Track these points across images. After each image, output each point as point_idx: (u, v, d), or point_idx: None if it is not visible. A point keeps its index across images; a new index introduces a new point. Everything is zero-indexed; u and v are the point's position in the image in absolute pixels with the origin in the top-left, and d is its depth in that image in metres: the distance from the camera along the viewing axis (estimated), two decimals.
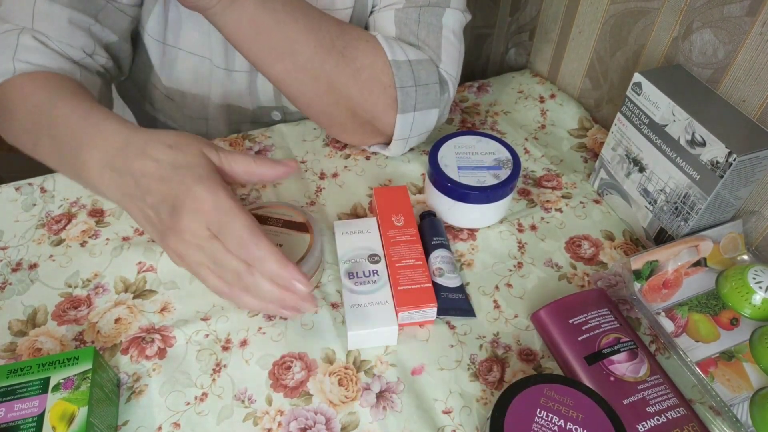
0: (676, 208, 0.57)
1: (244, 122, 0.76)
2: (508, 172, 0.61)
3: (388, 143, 0.67)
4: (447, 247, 0.59)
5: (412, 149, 0.73)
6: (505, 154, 0.63)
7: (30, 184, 0.67)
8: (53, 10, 0.57)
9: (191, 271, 0.46)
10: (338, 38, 0.58)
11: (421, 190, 0.68)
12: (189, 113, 0.74)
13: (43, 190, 0.66)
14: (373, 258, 0.56)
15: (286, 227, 0.56)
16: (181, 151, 0.45)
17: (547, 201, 0.67)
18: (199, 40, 0.67)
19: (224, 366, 0.51)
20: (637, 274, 0.55)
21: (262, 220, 0.57)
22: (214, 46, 0.67)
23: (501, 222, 0.64)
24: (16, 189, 0.66)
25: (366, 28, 0.67)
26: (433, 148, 0.63)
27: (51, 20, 0.57)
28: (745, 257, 0.59)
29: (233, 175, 0.48)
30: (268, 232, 0.55)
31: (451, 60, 0.64)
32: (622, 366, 0.48)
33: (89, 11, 0.59)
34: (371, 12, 0.68)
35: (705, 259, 0.57)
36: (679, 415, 0.46)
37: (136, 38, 0.69)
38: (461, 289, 0.56)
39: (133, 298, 0.56)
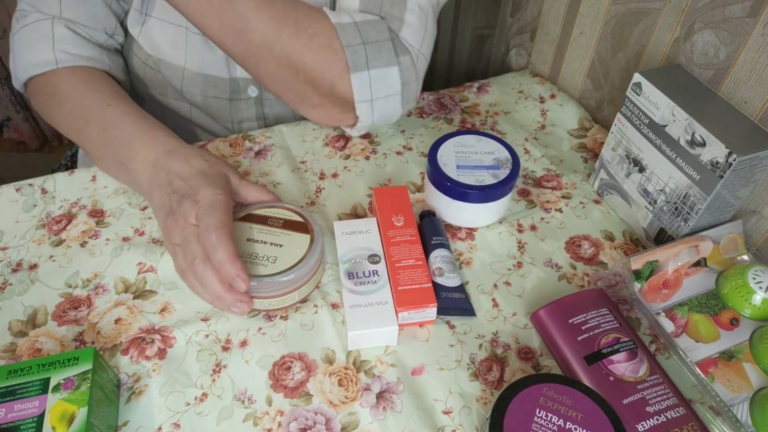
0: (676, 209, 0.57)
1: (222, 98, 0.75)
2: (507, 171, 0.61)
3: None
4: (447, 246, 0.59)
5: (410, 149, 0.73)
6: (505, 154, 0.63)
7: (30, 184, 0.67)
8: None
9: (169, 250, 0.54)
10: (291, 9, 0.60)
11: (420, 189, 0.68)
12: (167, 82, 0.75)
13: (43, 190, 0.66)
14: (373, 258, 0.56)
15: (287, 228, 0.56)
16: (212, 166, 0.56)
17: (547, 201, 0.67)
18: (174, 9, 0.67)
19: (224, 366, 0.51)
20: (637, 275, 0.55)
21: (262, 220, 0.57)
22: None
23: (501, 222, 0.64)
24: (17, 189, 0.66)
25: (332, 7, 0.67)
26: (432, 147, 0.64)
27: (77, 5, 0.64)
28: (745, 257, 0.59)
29: (244, 200, 0.59)
30: (268, 233, 0.56)
31: (413, 30, 0.64)
32: (621, 366, 0.48)
33: None
34: None
35: (705, 259, 0.57)
36: (678, 414, 0.46)
37: None
38: (461, 288, 0.56)
39: (134, 298, 0.56)
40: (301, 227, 0.56)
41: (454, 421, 0.48)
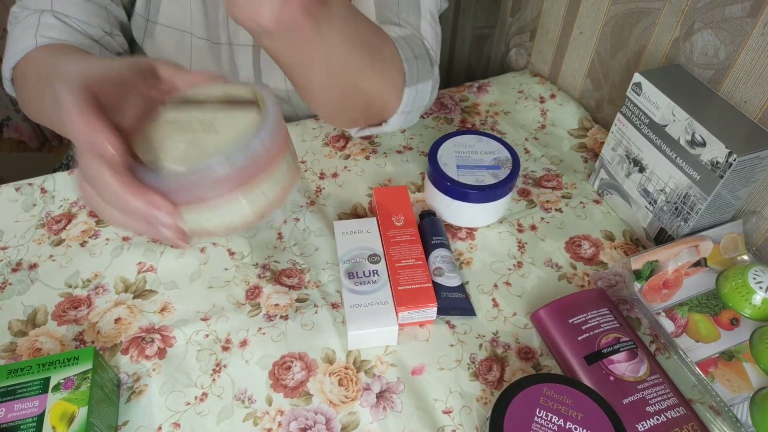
0: (676, 209, 0.57)
1: None
2: (507, 171, 0.61)
3: (379, 124, 0.65)
4: (447, 246, 0.59)
5: (410, 148, 0.73)
6: (505, 154, 0.63)
7: (30, 184, 0.67)
8: None
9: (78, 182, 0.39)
10: (375, 38, 0.55)
11: (420, 189, 0.68)
12: None
13: (43, 190, 0.66)
14: (373, 258, 0.56)
15: (227, 107, 0.38)
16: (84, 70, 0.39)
17: (547, 201, 0.67)
18: (179, 15, 0.67)
19: (224, 366, 0.51)
20: (638, 274, 0.55)
21: (196, 104, 0.39)
22: (194, 19, 0.67)
23: (501, 222, 0.64)
24: (16, 189, 0.66)
25: None
26: (432, 147, 0.64)
27: (69, 1, 0.60)
28: (745, 257, 0.59)
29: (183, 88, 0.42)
30: (198, 114, 0.38)
31: (431, 37, 0.64)
32: (621, 366, 0.48)
33: None
34: None
35: (705, 259, 0.57)
36: (678, 414, 0.46)
37: None
38: (461, 288, 0.56)
39: (133, 298, 0.56)
40: (248, 104, 0.38)
41: (455, 421, 0.48)
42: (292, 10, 0.43)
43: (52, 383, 0.43)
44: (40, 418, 0.42)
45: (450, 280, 0.56)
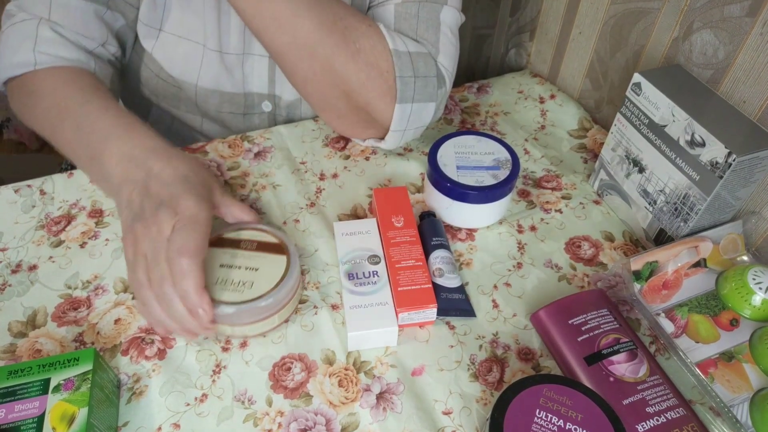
0: (676, 209, 0.57)
1: (236, 113, 0.76)
2: (507, 172, 0.61)
3: (382, 137, 0.67)
4: (447, 247, 0.59)
5: (410, 149, 0.73)
6: (504, 154, 0.63)
7: (29, 186, 0.67)
8: (69, 1, 0.60)
9: (129, 259, 0.49)
10: (341, 19, 0.59)
11: (420, 190, 0.68)
12: (180, 95, 0.75)
13: (42, 192, 0.66)
14: (373, 259, 0.56)
15: (261, 250, 0.54)
16: (196, 173, 0.52)
17: (547, 202, 0.67)
18: (191, 25, 0.67)
19: (224, 367, 0.51)
20: (637, 275, 0.55)
21: (235, 243, 0.54)
22: (208, 30, 0.67)
23: (500, 223, 0.64)
24: (15, 191, 0.66)
25: None
26: (432, 147, 0.64)
27: (67, 10, 0.60)
28: (745, 258, 0.59)
29: (223, 216, 0.56)
30: (242, 257, 0.53)
31: (448, 56, 0.65)
32: (621, 366, 0.48)
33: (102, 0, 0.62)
34: (369, 7, 0.68)
35: (705, 259, 0.57)
36: (678, 415, 0.46)
37: None
38: (461, 289, 0.56)
39: (133, 298, 0.56)
40: (276, 248, 0.54)
41: (454, 422, 0.48)
42: None
43: (53, 384, 0.43)
44: (41, 419, 0.42)
45: (450, 281, 0.56)
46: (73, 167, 0.81)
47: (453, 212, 0.62)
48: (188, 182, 0.50)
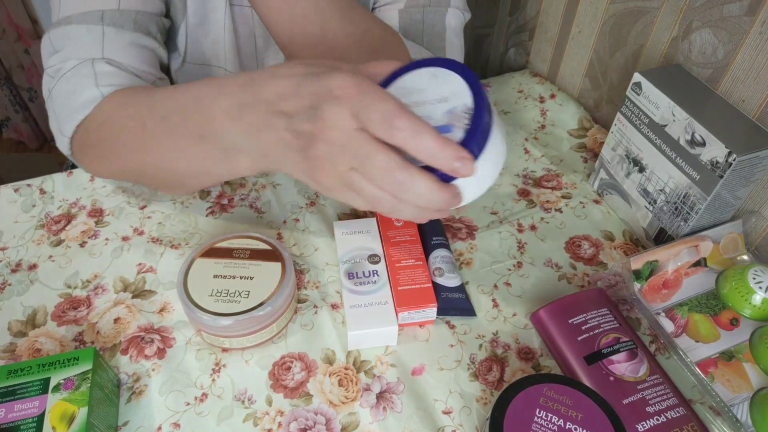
0: (676, 208, 0.57)
1: None
2: (461, 132, 0.38)
3: None
4: (447, 246, 0.59)
5: None
6: (463, 100, 0.39)
7: (29, 185, 0.67)
8: (122, 37, 0.55)
9: (338, 191, 0.39)
10: (369, 30, 0.56)
11: None
12: None
13: (42, 191, 0.66)
14: (373, 258, 0.56)
15: (255, 258, 0.52)
16: (315, 65, 0.40)
17: (547, 201, 0.67)
18: (210, 51, 0.66)
19: (224, 366, 0.51)
20: (637, 274, 0.55)
21: (227, 253, 0.53)
22: (228, 55, 0.66)
23: (501, 222, 0.64)
24: (15, 190, 0.66)
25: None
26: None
27: (122, 48, 0.55)
28: (745, 257, 0.59)
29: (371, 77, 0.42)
30: (235, 267, 0.52)
31: (456, 22, 0.65)
32: (621, 366, 0.48)
33: (151, 32, 0.57)
34: (373, 8, 0.68)
35: (705, 259, 0.57)
36: (678, 415, 0.46)
37: None
38: (461, 288, 0.56)
39: (132, 297, 0.56)
40: (270, 255, 0.53)
41: (454, 422, 0.48)
42: None
43: (52, 384, 0.43)
44: (40, 418, 0.42)
45: (450, 281, 0.56)
46: (74, 166, 0.81)
47: None
48: (314, 75, 0.39)
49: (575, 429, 0.41)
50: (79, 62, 0.54)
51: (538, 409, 0.42)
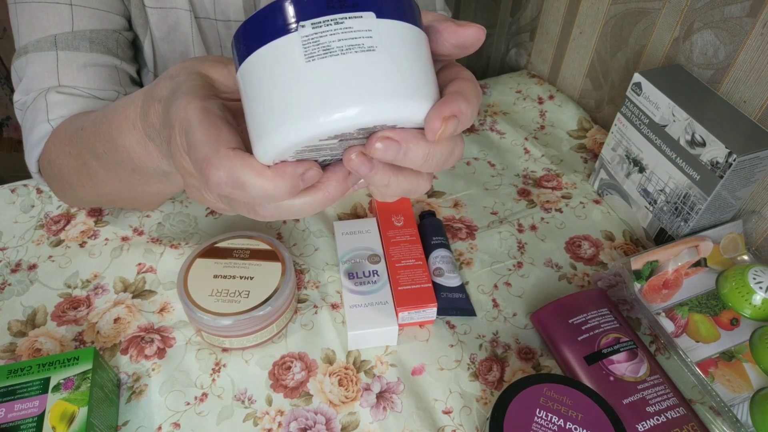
0: (676, 209, 0.57)
1: None
2: None
3: None
4: (447, 246, 0.59)
5: None
6: None
7: (26, 185, 0.67)
8: (77, 60, 0.53)
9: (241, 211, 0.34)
10: None
11: None
12: None
13: (39, 191, 0.66)
14: (373, 258, 0.56)
15: (255, 258, 0.53)
16: (177, 75, 0.34)
17: (547, 201, 0.67)
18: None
19: (224, 366, 0.51)
20: (637, 275, 0.55)
21: (227, 253, 0.53)
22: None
23: (501, 222, 0.64)
24: (12, 191, 0.66)
25: None
26: None
27: (77, 70, 0.54)
28: (745, 257, 0.59)
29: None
30: (236, 266, 0.52)
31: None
32: (621, 366, 0.48)
33: (111, 49, 0.56)
34: None
35: (705, 259, 0.57)
36: (678, 415, 0.46)
37: None
38: (461, 288, 0.56)
39: (132, 297, 0.56)
40: (270, 255, 0.53)
41: (455, 421, 0.48)
42: None
43: (52, 383, 0.43)
44: (40, 418, 0.42)
45: (450, 281, 0.56)
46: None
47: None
48: (169, 98, 0.33)
49: (575, 429, 0.41)
50: (38, 94, 0.54)
51: (538, 409, 0.42)
